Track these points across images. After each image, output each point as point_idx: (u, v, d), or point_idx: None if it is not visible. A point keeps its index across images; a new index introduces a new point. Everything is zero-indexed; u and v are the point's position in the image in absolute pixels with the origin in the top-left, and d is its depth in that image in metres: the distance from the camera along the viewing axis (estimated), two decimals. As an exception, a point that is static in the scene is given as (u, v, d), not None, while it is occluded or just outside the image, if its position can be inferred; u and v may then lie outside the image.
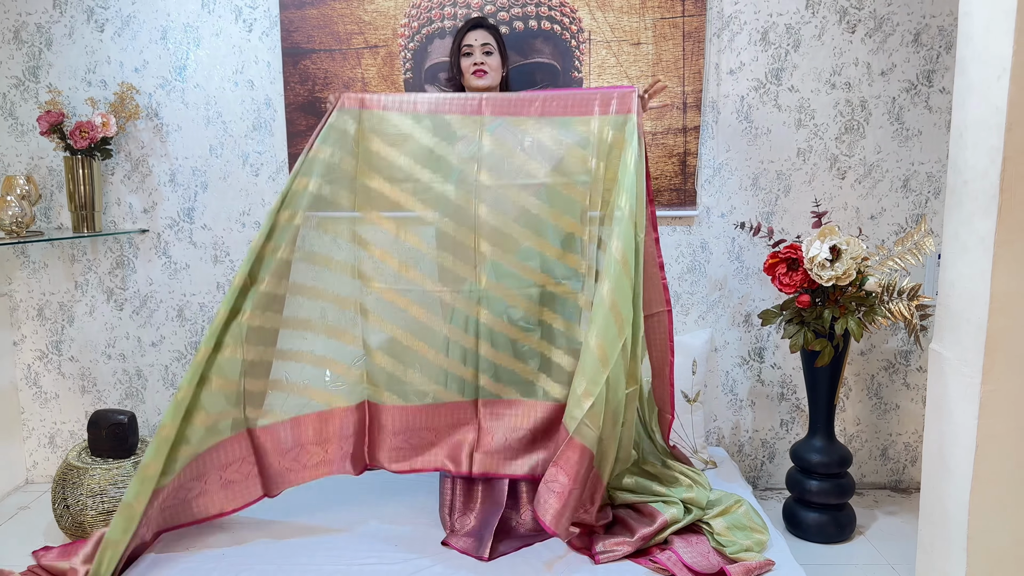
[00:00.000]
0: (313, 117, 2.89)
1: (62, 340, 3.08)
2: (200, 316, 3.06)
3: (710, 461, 2.78)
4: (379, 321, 2.41)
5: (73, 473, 2.53)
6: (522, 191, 2.34)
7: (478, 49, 2.53)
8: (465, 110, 2.33)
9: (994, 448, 1.62)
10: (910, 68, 2.87)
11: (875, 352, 3.04)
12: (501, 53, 2.58)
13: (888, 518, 2.86)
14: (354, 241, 2.39)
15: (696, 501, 2.33)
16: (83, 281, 3.04)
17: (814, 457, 2.65)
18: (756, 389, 3.07)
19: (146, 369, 3.10)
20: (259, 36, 2.90)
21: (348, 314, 2.41)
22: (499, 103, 2.34)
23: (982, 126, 1.58)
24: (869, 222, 2.96)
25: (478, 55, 2.53)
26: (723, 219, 2.97)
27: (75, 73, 2.93)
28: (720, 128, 2.91)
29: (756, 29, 2.85)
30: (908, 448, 3.10)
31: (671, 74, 2.85)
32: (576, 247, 2.36)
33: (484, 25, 2.58)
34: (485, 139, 2.33)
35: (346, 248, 2.40)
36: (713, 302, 3.01)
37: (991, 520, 1.64)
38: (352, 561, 2.19)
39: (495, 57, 2.55)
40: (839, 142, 2.92)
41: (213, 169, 2.98)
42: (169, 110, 2.95)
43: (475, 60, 2.53)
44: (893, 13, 2.83)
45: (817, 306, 2.55)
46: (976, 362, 1.61)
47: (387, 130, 2.34)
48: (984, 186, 1.58)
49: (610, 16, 2.82)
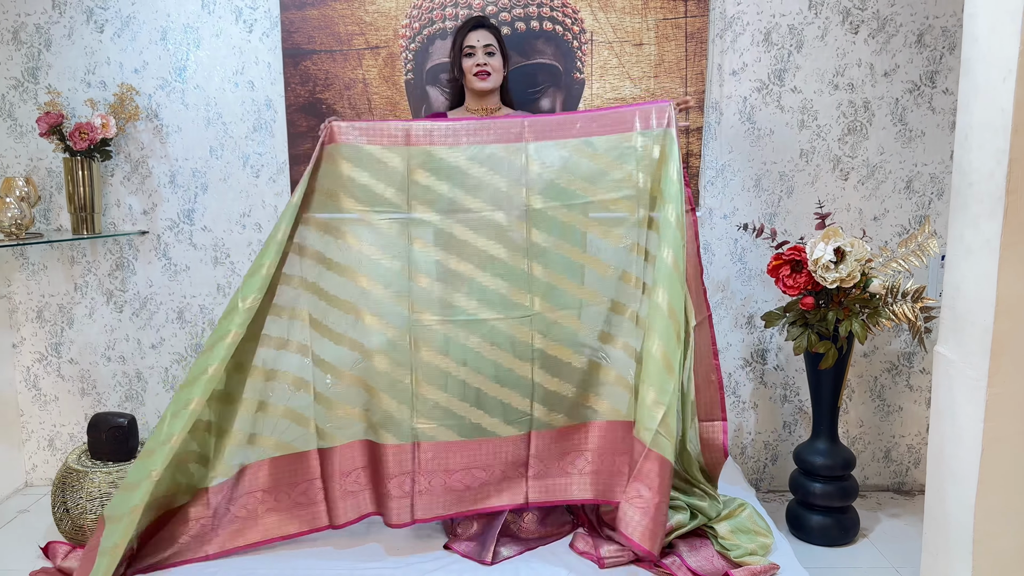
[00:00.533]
0: (314, 118, 2.88)
1: (61, 342, 3.07)
2: (200, 318, 3.04)
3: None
4: (431, 354, 2.31)
5: (73, 476, 2.52)
6: (572, 211, 2.32)
7: (480, 50, 2.51)
8: (508, 138, 2.30)
9: (1000, 451, 1.61)
10: (913, 69, 2.86)
11: (878, 354, 3.03)
12: (503, 53, 2.56)
13: (891, 520, 2.85)
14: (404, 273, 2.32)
15: (704, 511, 2.32)
16: (83, 283, 3.03)
17: (818, 460, 2.64)
18: (759, 391, 3.06)
19: (146, 371, 3.08)
20: (259, 37, 2.89)
21: (401, 346, 2.32)
22: (541, 128, 2.32)
23: (988, 128, 1.57)
24: (872, 223, 2.95)
25: (480, 56, 2.51)
26: (726, 220, 2.96)
27: (74, 74, 2.92)
28: (723, 129, 2.90)
29: (759, 30, 2.84)
30: (911, 450, 3.09)
31: (673, 75, 2.83)
32: (627, 262, 2.34)
33: (486, 25, 2.56)
34: (532, 165, 2.30)
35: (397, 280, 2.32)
36: (716, 304, 3.00)
37: (997, 523, 1.63)
38: (354, 566, 2.19)
39: (497, 58, 2.54)
40: (842, 143, 2.90)
41: (213, 170, 2.97)
42: (169, 111, 2.93)
43: (477, 61, 2.51)
44: (896, 14, 2.82)
45: (821, 308, 2.54)
46: (982, 365, 1.60)
47: (434, 164, 2.29)
48: (990, 188, 1.57)
49: (612, 17, 2.81)
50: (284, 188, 2.95)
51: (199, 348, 3.06)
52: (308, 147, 2.89)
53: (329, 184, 2.28)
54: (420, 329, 2.29)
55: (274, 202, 2.97)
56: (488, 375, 2.31)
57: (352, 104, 2.88)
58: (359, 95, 2.88)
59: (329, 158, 2.28)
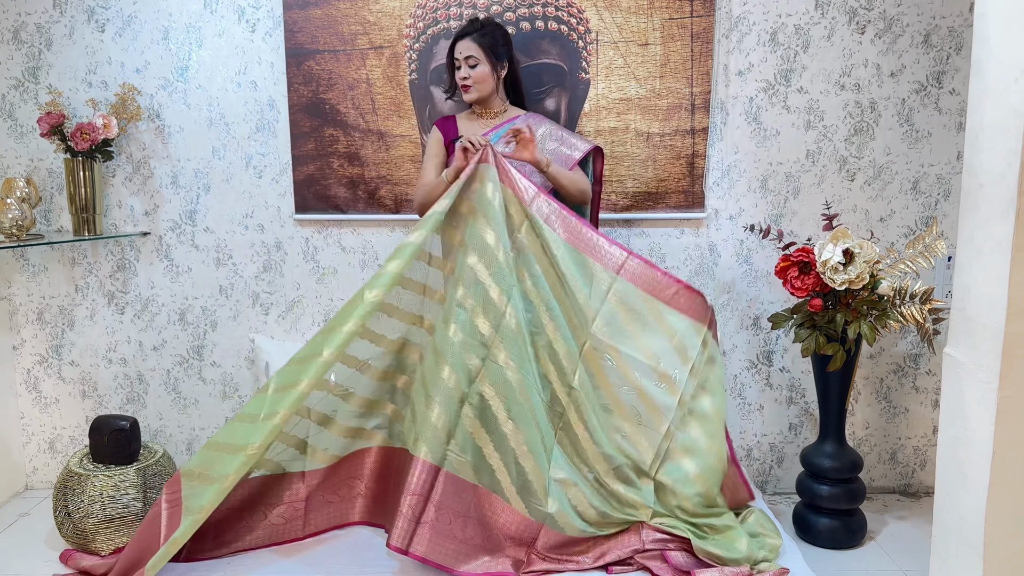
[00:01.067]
0: (317, 119, 2.87)
1: (62, 344, 3.05)
2: (202, 320, 3.03)
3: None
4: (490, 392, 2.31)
5: (74, 480, 2.50)
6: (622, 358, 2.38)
7: (463, 63, 2.54)
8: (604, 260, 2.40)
9: (1011, 454, 1.60)
10: (920, 69, 2.84)
11: (884, 355, 3.02)
12: (491, 59, 2.54)
13: (898, 523, 2.83)
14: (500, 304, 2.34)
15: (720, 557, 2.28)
16: (83, 285, 3.02)
17: (825, 462, 2.62)
18: (765, 393, 3.05)
19: (148, 374, 3.07)
20: (262, 36, 2.87)
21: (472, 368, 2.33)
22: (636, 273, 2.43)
23: (999, 129, 1.55)
24: (879, 224, 2.93)
25: (464, 69, 2.54)
26: (732, 221, 2.94)
27: (75, 74, 2.90)
28: (728, 130, 2.88)
29: (765, 30, 2.83)
30: (917, 452, 3.07)
31: (679, 75, 2.82)
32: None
33: (470, 33, 2.54)
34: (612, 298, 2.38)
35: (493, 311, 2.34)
36: (722, 305, 2.98)
37: (1008, 527, 1.62)
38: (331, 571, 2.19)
39: (481, 68, 2.53)
40: (848, 144, 2.89)
41: (216, 171, 2.95)
42: (171, 111, 2.92)
43: (462, 75, 2.55)
44: (903, 14, 2.81)
45: (829, 310, 2.53)
46: (993, 367, 1.59)
47: (541, 239, 2.43)
48: (1001, 190, 1.55)
49: (618, 17, 2.79)
50: (287, 189, 2.93)
51: (201, 350, 3.04)
52: (311, 147, 2.88)
53: (473, 202, 2.35)
54: (491, 364, 2.28)
55: (277, 203, 2.95)
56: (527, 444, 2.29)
57: (356, 104, 2.87)
58: (363, 95, 2.86)
59: (480, 177, 2.35)
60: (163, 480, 2.59)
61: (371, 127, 2.88)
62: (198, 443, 3.10)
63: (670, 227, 2.94)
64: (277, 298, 3.02)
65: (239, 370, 3.06)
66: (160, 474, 2.61)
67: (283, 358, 2.82)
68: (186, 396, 3.08)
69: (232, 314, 3.03)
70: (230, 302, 3.02)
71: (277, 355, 2.86)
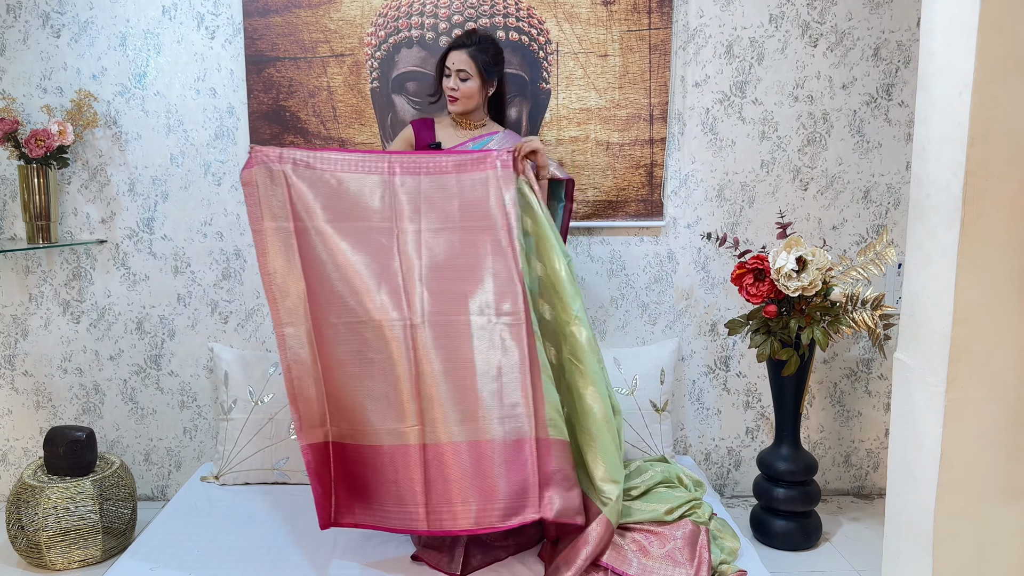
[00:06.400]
0: (277, 126, 2.86)
1: (15, 354, 2.99)
2: (160, 328, 2.99)
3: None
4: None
5: (28, 492, 2.45)
6: None
7: (454, 74, 2.50)
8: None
9: (959, 456, 1.64)
10: (870, 82, 2.93)
11: (837, 360, 3.09)
12: (482, 76, 2.51)
13: (852, 524, 2.90)
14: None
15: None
16: (38, 293, 2.96)
17: (781, 465, 2.68)
18: (722, 398, 3.10)
19: (104, 383, 3.02)
20: (222, 43, 2.85)
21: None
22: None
23: (945, 141, 1.61)
24: (831, 232, 3.00)
25: (454, 80, 2.51)
26: (689, 229, 2.99)
27: (30, 80, 2.85)
28: (686, 140, 2.93)
29: (721, 42, 2.89)
30: (870, 454, 3.15)
31: (638, 86, 2.86)
32: None
33: (467, 46, 2.50)
34: None
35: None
36: (680, 312, 3.03)
37: (956, 527, 1.66)
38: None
39: (471, 83, 2.50)
40: (802, 154, 2.96)
41: (174, 178, 2.92)
42: (128, 118, 2.88)
43: (450, 85, 2.52)
44: (854, 28, 2.89)
45: (783, 316, 2.58)
46: (940, 371, 1.63)
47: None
48: (947, 199, 1.60)
49: (577, 28, 2.83)
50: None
51: (159, 359, 3.00)
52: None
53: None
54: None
55: (236, 210, 2.93)
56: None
57: (317, 112, 2.86)
58: (323, 103, 2.86)
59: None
60: (120, 491, 2.55)
61: (332, 135, 2.88)
62: (155, 454, 3.06)
63: (630, 235, 2.98)
64: (236, 306, 2.99)
65: (197, 379, 3.02)
66: (117, 485, 2.57)
67: (242, 367, 2.80)
68: (143, 406, 3.03)
69: (190, 323, 2.99)
70: (188, 310, 2.98)
71: (236, 364, 2.82)
